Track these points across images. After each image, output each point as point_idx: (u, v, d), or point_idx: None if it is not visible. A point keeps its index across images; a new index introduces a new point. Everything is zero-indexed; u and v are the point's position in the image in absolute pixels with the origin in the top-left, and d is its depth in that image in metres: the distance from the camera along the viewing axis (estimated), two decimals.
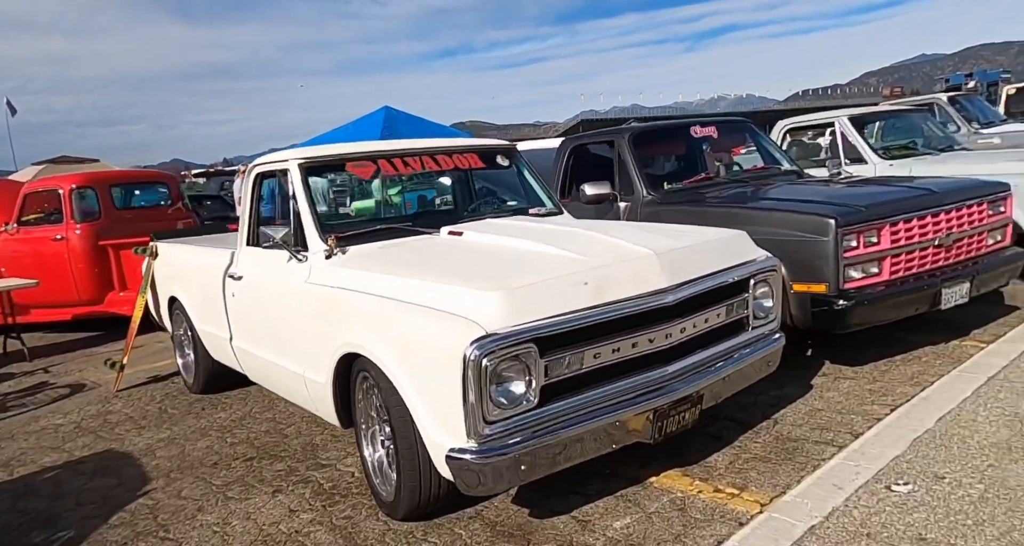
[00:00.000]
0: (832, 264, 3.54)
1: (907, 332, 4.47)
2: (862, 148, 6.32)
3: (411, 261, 2.68)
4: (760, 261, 2.97)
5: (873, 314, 3.65)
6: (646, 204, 4.61)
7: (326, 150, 3.25)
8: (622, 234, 2.75)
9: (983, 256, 4.12)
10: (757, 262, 2.95)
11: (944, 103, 10.32)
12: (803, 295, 3.68)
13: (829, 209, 3.64)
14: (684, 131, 5.16)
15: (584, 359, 2.27)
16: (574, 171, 5.39)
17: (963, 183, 4.17)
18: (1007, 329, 4.42)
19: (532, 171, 4.02)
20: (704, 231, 3.03)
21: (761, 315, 3.01)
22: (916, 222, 3.75)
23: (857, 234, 3.59)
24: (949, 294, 3.82)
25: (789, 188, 4.60)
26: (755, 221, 3.88)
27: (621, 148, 4.89)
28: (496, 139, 4.14)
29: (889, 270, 3.71)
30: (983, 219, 4.08)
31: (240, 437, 3.78)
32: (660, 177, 4.91)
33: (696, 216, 4.25)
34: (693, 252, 2.70)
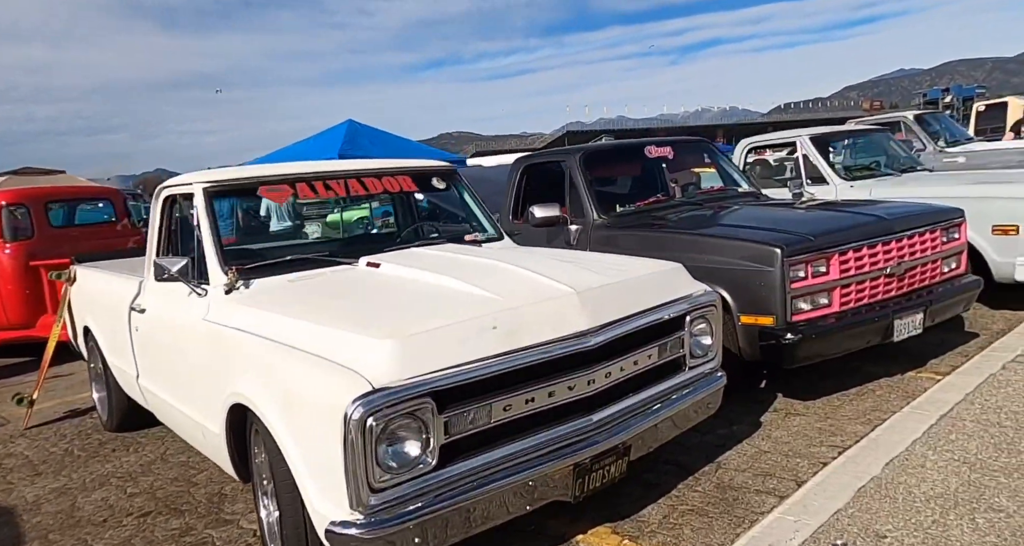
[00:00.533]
0: (779, 296, 3.39)
1: (864, 362, 4.33)
2: (823, 168, 6.23)
3: (313, 299, 2.45)
4: (697, 296, 2.79)
5: (823, 348, 3.49)
6: (596, 227, 4.44)
7: (235, 172, 3.01)
8: (546, 268, 2.56)
9: (937, 285, 4.00)
10: (694, 297, 2.77)
11: (910, 121, 10.36)
12: (751, 327, 3.51)
13: (776, 238, 3.48)
14: (638, 151, 5.00)
15: (492, 412, 2.06)
16: (527, 191, 5.21)
17: (915, 209, 4.05)
18: (964, 359, 4.30)
19: (472, 194, 3.83)
20: (637, 264, 2.84)
21: (699, 354, 2.83)
22: (866, 251, 3.61)
23: (805, 264, 3.44)
24: (902, 325, 3.68)
25: (742, 212, 4.45)
26: (702, 249, 3.73)
27: (572, 169, 4.72)
28: (437, 160, 3.94)
29: (839, 301, 3.56)
30: (936, 247, 3.96)
31: (143, 486, 3.46)
32: (613, 199, 4.75)
33: (644, 241, 4.09)
34: (620, 289, 2.50)
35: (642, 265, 2.82)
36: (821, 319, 3.50)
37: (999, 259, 4.94)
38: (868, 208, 4.06)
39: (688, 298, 2.75)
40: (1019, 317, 5.14)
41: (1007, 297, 5.42)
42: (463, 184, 3.82)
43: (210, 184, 2.87)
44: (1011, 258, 4.87)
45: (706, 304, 2.81)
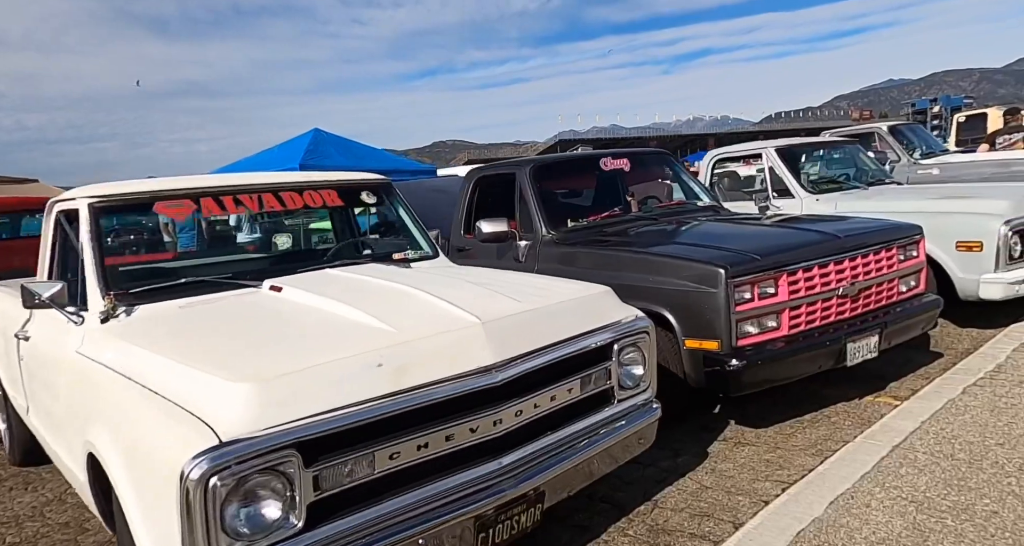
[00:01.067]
0: (723, 319, 3.20)
1: (822, 385, 4.15)
2: (789, 182, 6.09)
3: (192, 330, 2.22)
4: (627, 322, 2.59)
5: (771, 374, 3.30)
6: (545, 243, 4.24)
7: (126, 186, 2.78)
8: (458, 294, 2.35)
9: (895, 305, 3.83)
10: (623, 324, 2.57)
11: (884, 133, 10.29)
12: (696, 352, 3.31)
13: (720, 257, 3.30)
14: (593, 164, 4.82)
15: (376, 462, 1.84)
16: (479, 205, 5.01)
17: (871, 226, 3.89)
18: (925, 382, 4.13)
19: (407, 209, 3.62)
20: (562, 288, 2.64)
21: (630, 385, 2.63)
22: (817, 270, 3.43)
23: (751, 285, 3.26)
24: (855, 349, 3.50)
25: (695, 228, 4.27)
26: (647, 268, 3.54)
27: (522, 182, 4.52)
28: (371, 173, 3.72)
29: (788, 324, 3.37)
30: (893, 265, 3.79)
31: (27, 534, 3.13)
32: (565, 213, 4.55)
33: (590, 259, 3.90)
34: (535, 316, 2.30)
35: (567, 289, 2.62)
36: (769, 343, 3.31)
37: (963, 276, 4.80)
38: (822, 225, 3.89)
39: (616, 325, 2.55)
40: (985, 336, 5.00)
41: (975, 314, 5.28)
42: (398, 198, 3.62)
43: (97, 200, 2.63)
44: (975, 275, 4.73)
45: (637, 331, 2.61)
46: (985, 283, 4.68)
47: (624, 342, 2.56)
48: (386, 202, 3.55)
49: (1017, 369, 4.07)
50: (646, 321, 2.66)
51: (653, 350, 2.69)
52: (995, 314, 5.33)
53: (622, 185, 5.03)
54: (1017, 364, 4.16)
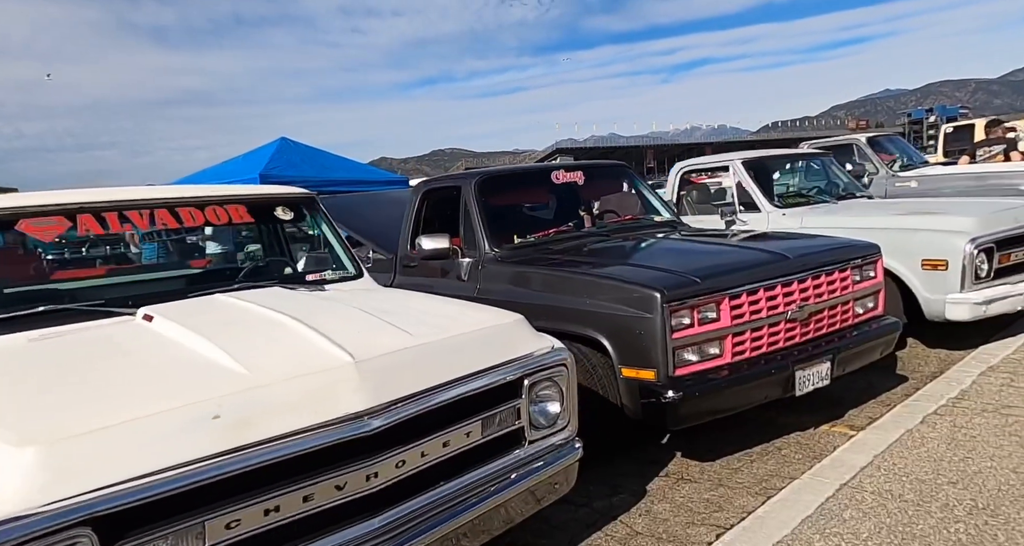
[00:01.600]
0: (659, 346, 2.97)
1: (778, 413, 3.93)
2: (755, 195, 5.89)
3: (13, 372, 1.93)
4: (540, 355, 2.36)
5: (712, 405, 3.07)
6: (487, 261, 4.01)
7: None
8: (342, 326, 2.11)
9: (850, 329, 3.62)
10: (535, 357, 2.34)
11: (863, 144, 10.15)
12: (632, 382, 3.09)
13: (658, 279, 3.07)
14: (544, 177, 4.60)
15: (208, 533, 1.58)
16: (427, 220, 4.78)
17: (824, 245, 3.68)
18: (885, 409, 3.92)
19: (331, 225, 3.38)
20: (468, 317, 2.40)
21: (544, 424, 2.39)
22: (763, 293, 3.21)
23: (690, 309, 3.03)
24: (804, 377, 3.28)
25: (644, 246, 4.06)
26: (583, 290, 3.31)
27: (467, 196, 4.30)
28: (295, 187, 3.49)
29: (731, 351, 3.15)
30: (848, 287, 3.58)
31: None
32: (512, 229, 4.32)
33: (530, 279, 3.68)
34: (425, 352, 2.06)
35: (474, 319, 2.38)
36: (711, 372, 3.08)
37: (929, 296, 4.60)
38: (773, 244, 3.68)
39: (526, 358, 2.31)
40: (954, 358, 4.80)
41: (945, 334, 5.09)
42: (320, 214, 3.38)
43: None
44: (941, 295, 4.53)
45: (551, 364, 2.38)
46: (951, 303, 4.48)
47: (537, 377, 2.33)
48: (308, 218, 3.32)
49: (981, 396, 3.87)
50: (563, 353, 2.43)
51: (573, 385, 2.46)
52: (966, 333, 5.14)
53: (577, 199, 4.82)
54: (981, 390, 3.95)
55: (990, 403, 3.74)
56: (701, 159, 6.67)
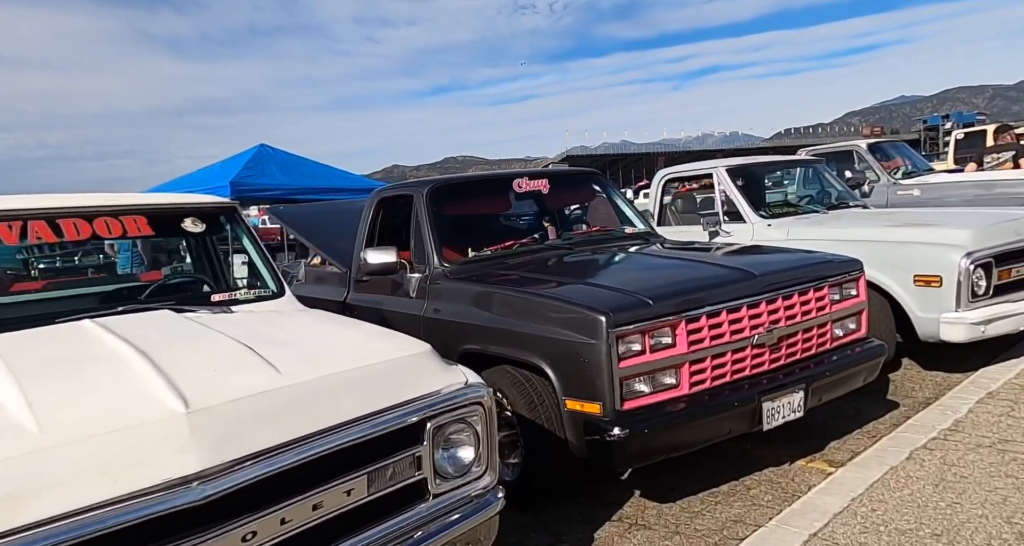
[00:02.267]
0: (605, 376, 2.64)
1: (753, 444, 3.58)
2: (740, 204, 5.55)
3: None
4: (449, 393, 2.03)
5: (666, 442, 2.73)
6: (437, 277, 3.69)
7: None
8: (196, 362, 1.80)
9: (827, 354, 3.27)
10: (442, 395, 2.02)
11: (863, 151, 9.78)
12: (578, 416, 2.76)
13: (605, 300, 2.75)
14: (504, 185, 4.29)
15: None
16: (382, 231, 4.48)
17: (799, 261, 3.33)
18: (871, 440, 3.56)
19: (252, 239, 3.08)
20: (362, 349, 2.09)
21: (452, 473, 2.06)
22: (726, 316, 2.88)
23: (641, 334, 2.70)
24: (773, 409, 2.94)
25: (605, 262, 3.74)
26: (527, 311, 2.99)
27: (418, 206, 4.00)
28: (216, 197, 3.20)
29: (689, 381, 2.82)
30: (825, 307, 3.24)
31: None
32: (467, 242, 4.01)
33: (474, 298, 3.36)
34: (289, 398, 1.74)
35: (370, 351, 2.06)
36: (666, 405, 2.75)
37: (922, 315, 4.24)
38: (740, 260, 3.34)
39: (429, 398, 1.99)
40: (951, 382, 4.43)
41: (943, 355, 4.71)
42: (241, 226, 3.08)
43: None
44: (935, 314, 4.17)
45: (463, 404, 2.06)
46: (946, 323, 4.12)
47: (444, 419, 2.01)
48: (226, 231, 3.02)
49: (976, 427, 3.50)
50: (480, 390, 2.10)
51: (491, 426, 2.13)
52: (965, 354, 4.77)
53: (542, 210, 4.51)
54: (977, 421, 3.58)
55: (986, 437, 3.37)
56: (685, 166, 6.33)
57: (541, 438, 2.87)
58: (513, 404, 2.95)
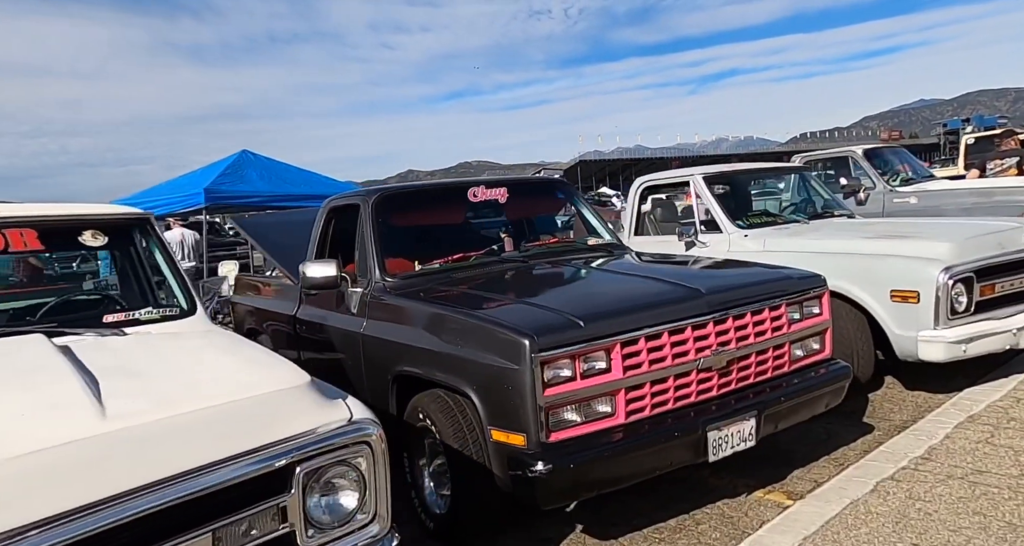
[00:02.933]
0: (528, 405, 2.42)
1: (712, 471, 3.35)
2: (716, 214, 5.32)
3: None
4: (324, 433, 1.82)
5: (598, 477, 2.50)
6: (376, 292, 3.49)
7: None
8: (15, 406, 1.60)
9: (784, 377, 3.04)
10: (316, 435, 1.80)
11: (859, 157, 9.52)
12: (503, 448, 2.54)
13: (531, 321, 2.53)
14: (458, 195, 4.08)
15: None
16: (335, 242, 4.29)
17: (754, 277, 3.11)
18: (837, 468, 3.32)
19: (165, 253, 2.89)
20: (228, 381, 1.89)
21: (329, 523, 1.85)
22: (668, 338, 2.66)
23: (571, 359, 2.48)
24: (721, 438, 2.71)
25: (553, 277, 3.52)
26: (458, 332, 2.78)
27: (363, 216, 3.81)
28: (126, 207, 3.00)
29: (625, 409, 2.60)
30: (782, 327, 3.01)
31: None
32: (415, 254, 3.81)
33: (410, 315, 3.16)
34: (110, 446, 1.52)
35: (235, 384, 1.85)
36: (599, 436, 2.52)
37: (899, 332, 3.99)
38: (689, 275, 3.13)
39: (300, 438, 1.78)
40: (932, 402, 4.17)
41: (927, 373, 4.45)
42: (153, 239, 2.90)
43: None
44: (912, 331, 3.92)
45: (343, 444, 1.84)
46: (924, 341, 3.87)
47: (317, 463, 1.79)
48: (136, 244, 2.84)
49: (951, 455, 3.25)
50: (367, 428, 1.88)
51: (382, 466, 1.92)
52: (951, 373, 4.51)
53: (500, 220, 4.30)
54: (952, 449, 3.33)
55: (959, 466, 3.13)
56: (662, 174, 6.10)
57: (469, 469, 2.66)
58: (441, 432, 2.74)
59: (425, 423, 2.86)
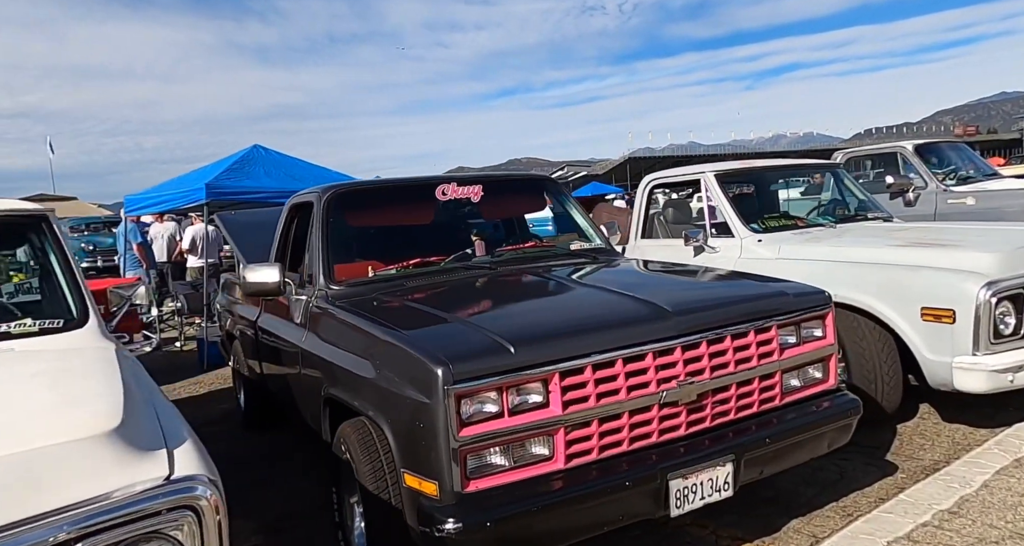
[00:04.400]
0: (440, 447, 2.00)
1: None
2: (728, 216, 4.77)
3: None
4: (126, 497, 1.40)
5: (523, 537, 2.05)
6: (319, 301, 3.12)
7: None
8: None
9: (775, 412, 2.52)
10: (110, 501, 1.38)
11: (909, 153, 8.71)
12: (415, 495, 2.13)
13: (450, 345, 2.11)
14: (426, 193, 3.67)
15: None
16: (297, 242, 3.95)
17: (739, 294, 2.61)
18: (842, 520, 2.78)
19: (60, 255, 2.58)
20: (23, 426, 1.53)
21: None
22: (621, 367, 2.20)
23: (497, 391, 2.05)
24: (687, 488, 2.22)
25: (508, 288, 3.09)
26: (377, 354, 2.39)
27: (315, 215, 3.45)
28: (20, 203, 2.70)
29: (565, 452, 2.15)
30: (772, 353, 2.49)
31: None
32: (372, 259, 3.43)
33: (341, 331, 2.78)
34: None
35: (17, 433, 1.48)
36: (531, 485, 2.08)
37: (931, 357, 3.40)
38: (662, 290, 2.64)
39: (83, 507, 1.39)
40: (973, 439, 3.57)
41: (969, 403, 3.83)
42: (48, 239, 2.59)
43: None
44: (947, 357, 3.33)
45: (154, 511, 1.45)
46: (960, 369, 3.27)
47: (109, 539, 1.40)
48: (30, 245, 2.54)
49: (986, 511, 2.68)
50: (191, 489, 1.48)
51: (214, 535, 1.52)
52: (1002, 403, 3.88)
53: (471, 221, 3.89)
54: (989, 502, 2.75)
55: (995, 527, 2.56)
56: (672, 171, 5.56)
57: (384, 517, 2.26)
58: (358, 469, 2.35)
59: (347, 456, 2.48)
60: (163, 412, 1.80)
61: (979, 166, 9.45)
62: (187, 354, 8.00)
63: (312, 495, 3.45)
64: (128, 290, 2.73)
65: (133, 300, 2.73)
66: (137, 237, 9.71)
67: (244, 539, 3.12)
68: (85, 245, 17.11)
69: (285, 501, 3.53)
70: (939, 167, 8.81)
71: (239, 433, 4.89)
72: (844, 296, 3.72)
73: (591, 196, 23.49)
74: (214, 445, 4.58)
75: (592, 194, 25.13)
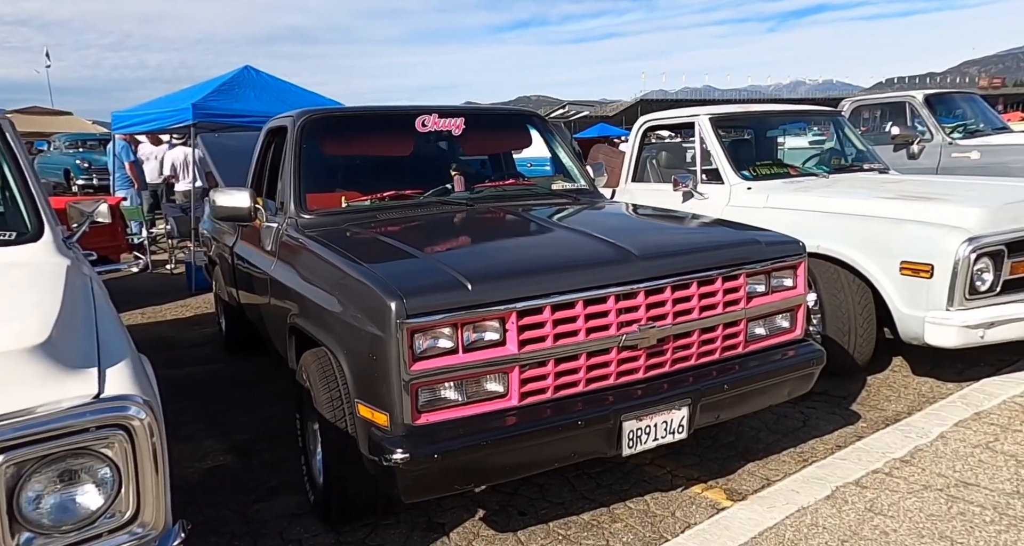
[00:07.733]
0: (392, 379, 2.01)
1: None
2: (720, 162, 4.65)
3: None
4: (49, 413, 1.34)
5: (473, 470, 2.09)
6: (289, 229, 3.07)
7: None
8: None
9: (736, 359, 2.52)
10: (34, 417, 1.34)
11: (918, 103, 8.45)
12: (367, 426, 2.15)
13: (405, 280, 2.08)
14: (405, 123, 3.56)
15: None
16: (273, 168, 3.85)
17: (710, 241, 2.56)
18: (798, 465, 2.85)
19: (14, 161, 2.48)
20: None
21: (60, 527, 1.46)
22: (582, 308, 2.18)
23: (452, 327, 2.04)
24: (640, 429, 2.25)
25: (476, 226, 3.03)
26: (337, 286, 2.36)
27: (289, 140, 3.35)
28: None
29: (519, 390, 2.15)
30: (738, 301, 2.47)
31: None
32: (345, 189, 3.35)
33: (308, 261, 2.74)
34: None
35: None
36: (482, 420, 2.10)
37: (905, 311, 3.39)
38: (632, 234, 2.58)
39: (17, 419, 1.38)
40: (939, 393, 3.61)
41: (943, 357, 3.85)
42: (2, 150, 2.50)
43: None
44: (920, 311, 3.32)
45: (80, 428, 1.44)
46: (932, 324, 3.27)
47: (27, 453, 1.40)
48: None
49: (937, 461, 2.73)
50: (122, 407, 1.47)
51: (147, 455, 1.53)
52: (974, 359, 3.91)
53: (452, 155, 3.78)
54: (941, 452, 2.81)
55: (943, 475, 2.61)
56: (667, 113, 5.39)
57: (340, 445, 2.29)
58: (316, 398, 2.37)
59: (308, 384, 2.49)
60: (107, 332, 1.78)
61: (990, 119, 9.17)
62: (177, 277, 8.02)
63: (282, 421, 3.51)
64: (89, 206, 2.67)
65: (95, 217, 2.68)
66: (129, 156, 9.52)
67: (212, 459, 3.20)
68: (80, 162, 16.65)
69: (258, 425, 3.60)
70: (949, 119, 8.56)
71: (222, 356, 4.94)
72: (826, 248, 3.69)
73: (598, 137, 22.99)
74: (196, 367, 4.69)
75: (600, 136, 24.61)
